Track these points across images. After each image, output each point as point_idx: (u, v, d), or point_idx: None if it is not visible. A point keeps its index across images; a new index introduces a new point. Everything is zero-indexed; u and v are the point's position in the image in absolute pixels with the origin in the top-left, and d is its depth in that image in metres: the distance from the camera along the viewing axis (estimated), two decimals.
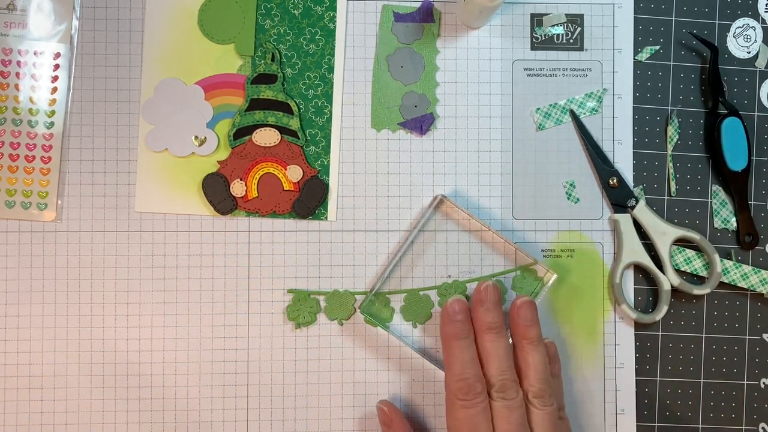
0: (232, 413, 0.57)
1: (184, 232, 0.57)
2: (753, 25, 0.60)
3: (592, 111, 0.60)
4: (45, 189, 0.57)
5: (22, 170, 0.57)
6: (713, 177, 0.60)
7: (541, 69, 0.60)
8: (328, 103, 0.58)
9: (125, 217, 0.57)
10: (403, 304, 0.58)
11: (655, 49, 0.60)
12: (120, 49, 0.58)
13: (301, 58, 0.58)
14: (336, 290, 0.58)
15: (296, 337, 0.58)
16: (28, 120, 0.57)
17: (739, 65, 0.61)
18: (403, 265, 0.58)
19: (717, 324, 0.60)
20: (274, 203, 0.57)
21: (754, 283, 0.59)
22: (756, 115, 0.60)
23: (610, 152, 0.60)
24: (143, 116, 0.57)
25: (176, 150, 0.57)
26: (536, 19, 0.60)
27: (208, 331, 0.57)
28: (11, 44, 0.57)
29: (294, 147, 0.57)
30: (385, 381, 0.58)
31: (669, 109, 0.60)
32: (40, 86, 0.57)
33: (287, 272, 0.58)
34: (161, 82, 0.57)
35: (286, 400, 0.57)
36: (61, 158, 0.57)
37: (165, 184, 0.57)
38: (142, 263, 0.57)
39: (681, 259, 0.60)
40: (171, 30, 0.57)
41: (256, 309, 0.58)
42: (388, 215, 0.58)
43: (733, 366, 0.60)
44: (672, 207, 0.60)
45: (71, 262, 0.57)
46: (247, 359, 0.57)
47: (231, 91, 0.57)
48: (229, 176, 0.57)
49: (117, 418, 0.57)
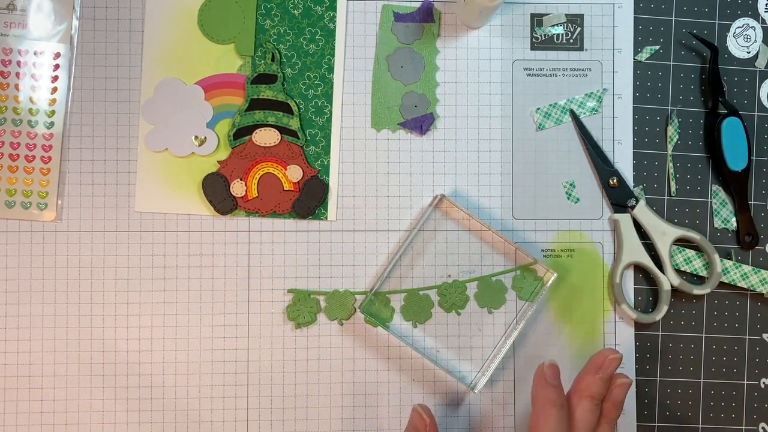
0: (232, 413, 0.57)
1: (184, 232, 0.57)
2: (753, 25, 0.60)
3: (592, 111, 0.60)
4: (45, 189, 0.57)
5: (22, 170, 0.57)
6: (713, 177, 0.60)
7: (541, 69, 0.60)
8: (328, 103, 0.58)
9: (125, 217, 0.57)
10: (403, 303, 0.58)
11: (655, 49, 0.60)
12: (120, 49, 0.58)
13: (301, 58, 0.58)
14: (336, 290, 0.58)
15: (296, 337, 0.58)
16: (28, 120, 0.57)
17: (739, 65, 0.61)
18: (403, 264, 0.58)
19: (717, 324, 0.60)
20: (274, 203, 0.57)
21: (754, 283, 0.59)
22: (756, 115, 0.60)
23: (610, 152, 0.60)
24: (143, 116, 0.57)
25: (176, 150, 0.57)
26: (536, 19, 0.60)
27: (208, 331, 0.57)
28: (11, 44, 0.57)
29: (294, 147, 0.57)
30: (385, 381, 0.58)
31: (669, 109, 0.60)
32: (40, 86, 0.57)
33: (287, 272, 0.58)
34: (161, 82, 0.57)
35: (286, 400, 0.57)
36: (61, 158, 0.57)
37: (165, 184, 0.57)
38: (142, 263, 0.57)
39: (681, 259, 0.60)
40: (171, 30, 0.57)
41: (256, 309, 0.57)
42: (388, 215, 0.58)
43: (733, 366, 0.60)
44: (672, 207, 0.60)
45: (71, 262, 0.57)
46: (247, 359, 0.57)
47: (231, 91, 0.57)
48: (229, 176, 0.57)
49: (117, 418, 0.57)
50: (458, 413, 0.58)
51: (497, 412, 0.58)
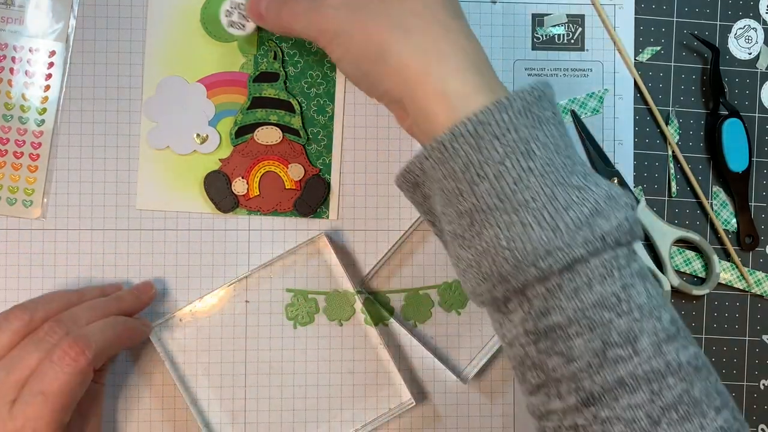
0: (229, 415, 0.57)
1: (184, 231, 0.57)
2: (754, 27, 0.61)
3: (594, 111, 0.60)
4: (32, 186, 0.56)
5: (10, 166, 0.56)
6: (714, 178, 0.61)
7: (542, 69, 0.60)
8: (330, 101, 0.58)
9: (126, 215, 0.57)
10: (404, 303, 0.58)
11: (656, 49, 0.60)
12: (120, 47, 0.57)
13: (304, 57, 0.58)
14: (336, 290, 0.58)
15: (295, 337, 0.57)
16: (19, 116, 0.56)
17: (740, 66, 0.61)
18: (403, 264, 0.58)
19: (717, 325, 0.60)
20: (275, 202, 0.57)
21: (750, 284, 0.60)
22: (757, 116, 0.61)
23: (611, 153, 0.60)
24: (145, 114, 0.57)
25: (178, 148, 0.57)
26: (537, 19, 0.60)
27: (206, 331, 0.57)
28: (7, 39, 0.57)
29: (296, 145, 0.57)
30: (385, 382, 0.58)
31: (669, 109, 0.60)
32: (33, 83, 0.57)
33: (287, 271, 0.58)
34: (163, 80, 0.57)
35: (285, 402, 0.57)
36: (50, 156, 0.57)
37: (166, 182, 0.57)
38: (143, 261, 0.57)
39: (681, 260, 0.60)
40: (173, 28, 0.57)
41: (256, 309, 0.57)
42: (388, 214, 0.58)
43: (733, 367, 0.60)
44: (672, 208, 0.60)
45: (71, 260, 0.57)
46: (245, 360, 0.57)
47: (233, 89, 0.57)
48: (231, 174, 0.57)
49: (116, 417, 0.56)
50: (457, 413, 0.58)
51: (496, 406, 0.58)
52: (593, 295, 0.39)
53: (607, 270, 0.39)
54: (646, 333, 0.39)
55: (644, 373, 0.39)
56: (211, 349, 0.57)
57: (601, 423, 0.39)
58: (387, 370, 0.58)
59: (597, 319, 0.39)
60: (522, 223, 0.39)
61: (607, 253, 0.39)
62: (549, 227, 0.38)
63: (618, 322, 0.39)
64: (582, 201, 0.39)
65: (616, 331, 0.39)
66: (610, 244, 0.39)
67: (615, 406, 0.39)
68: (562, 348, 0.40)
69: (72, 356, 0.46)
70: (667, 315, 0.40)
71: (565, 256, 0.38)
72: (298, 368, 0.57)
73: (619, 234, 0.39)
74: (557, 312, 0.39)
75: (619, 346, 0.39)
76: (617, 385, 0.39)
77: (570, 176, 0.40)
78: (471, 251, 0.41)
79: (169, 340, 0.57)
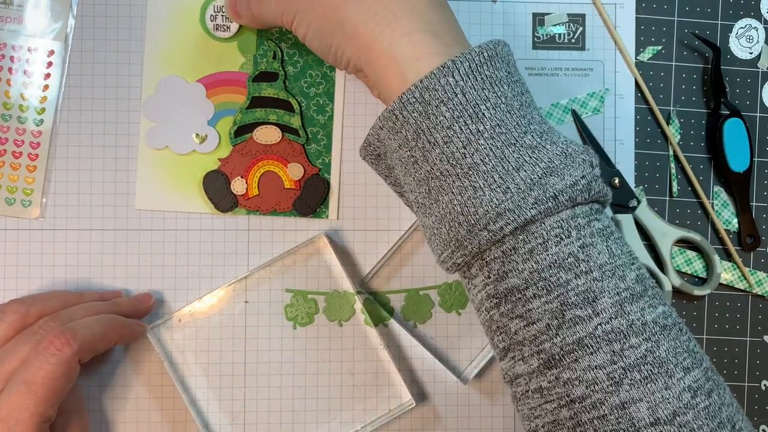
0: (228, 416, 0.57)
1: (183, 231, 0.57)
2: (755, 26, 0.61)
3: (595, 111, 0.60)
4: (30, 186, 0.56)
5: (9, 166, 0.56)
6: (715, 178, 0.60)
7: (542, 68, 0.60)
8: (330, 101, 0.58)
9: (125, 215, 0.57)
10: (404, 303, 0.58)
11: (657, 49, 0.60)
12: (120, 47, 0.57)
13: (303, 56, 0.57)
14: (335, 290, 0.57)
15: (295, 338, 0.57)
16: (18, 116, 0.56)
17: (741, 66, 0.61)
18: (403, 264, 0.58)
19: (718, 325, 0.60)
20: (275, 201, 0.57)
21: (751, 284, 0.59)
22: (758, 116, 0.61)
23: (612, 152, 0.60)
24: (144, 114, 0.57)
25: (177, 147, 0.57)
26: (538, 19, 0.60)
27: (205, 332, 0.57)
28: (5, 39, 0.56)
29: (295, 145, 0.57)
30: (385, 382, 0.57)
31: (670, 109, 0.60)
32: (32, 83, 0.56)
33: (287, 272, 0.57)
34: (162, 80, 0.57)
35: (284, 402, 0.57)
36: (49, 156, 0.56)
37: (165, 181, 0.57)
38: (142, 261, 0.57)
39: (682, 260, 0.60)
40: (173, 28, 0.57)
41: (255, 309, 0.57)
42: (388, 214, 0.58)
43: (734, 368, 0.60)
44: (673, 208, 0.60)
45: (69, 260, 0.56)
46: (245, 361, 0.57)
47: (232, 89, 0.57)
48: (230, 174, 0.57)
49: (115, 418, 0.56)
50: (457, 414, 0.58)
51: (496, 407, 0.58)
52: (549, 256, 0.38)
53: (564, 230, 0.38)
54: (607, 293, 0.38)
55: (604, 334, 0.38)
56: (210, 349, 0.57)
57: (564, 385, 0.39)
58: (387, 371, 0.57)
59: (554, 280, 0.38)
60: (473, 186, 0.38)
61: (564, 213, 0.39)
62: (499, 189, 0.38)
63: (576, 282, 0.38)
64: (535, 160, 0.38)
65: (574, 291, 0.38)
66: (565, 203, 0.38)
67: (576, 367, 0.38)
68: (522, 311, 0.39)
69: (57, 346, 0.46)
70: (632, 274, 0.40)
71: (517, 218, 0.38)
72: (297, 369, 0.57)
73: (574, 192, 0.38)
74: (514, 274, 0.39)
75: (577, 307, 0.38)
76: (577, 347, 0.38)
77: (523, 136, 0.39)
78: (432, 218, 0.41)
79: (168, 340, 0.57)
